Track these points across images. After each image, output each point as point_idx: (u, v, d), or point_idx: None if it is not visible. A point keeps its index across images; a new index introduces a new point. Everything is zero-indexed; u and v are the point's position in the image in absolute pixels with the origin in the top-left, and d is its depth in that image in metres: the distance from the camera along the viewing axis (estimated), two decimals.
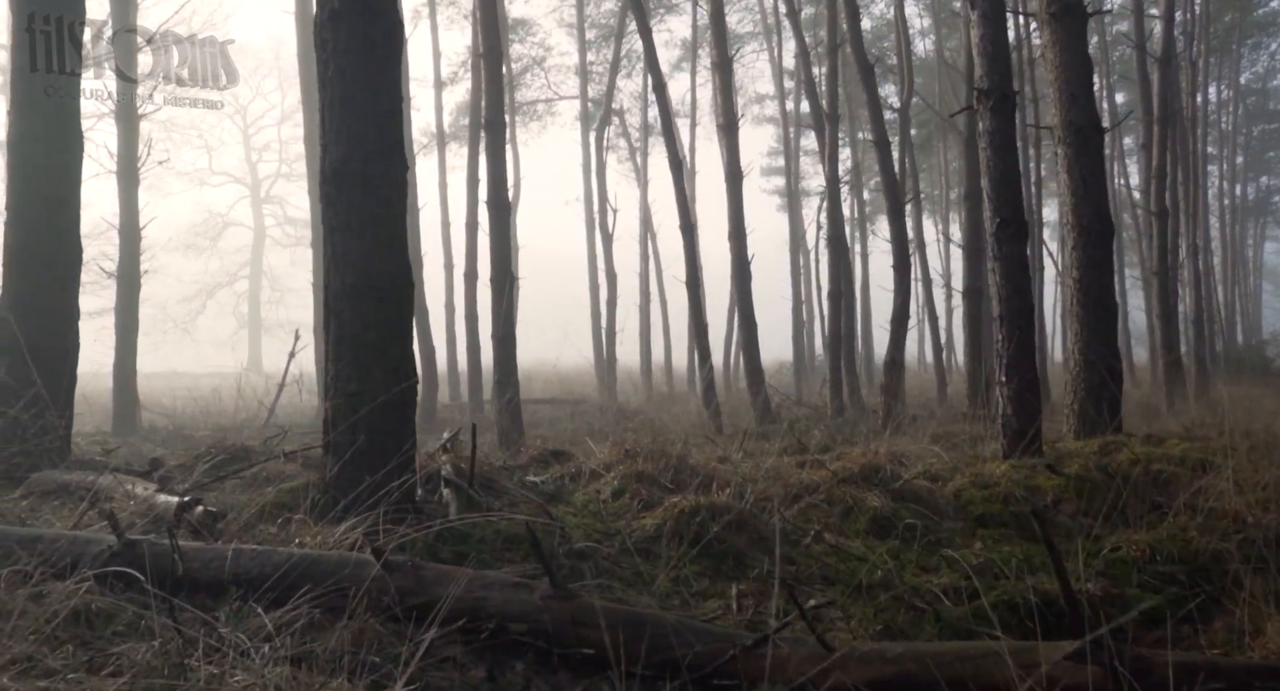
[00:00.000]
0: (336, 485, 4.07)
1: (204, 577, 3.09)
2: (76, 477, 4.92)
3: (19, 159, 5.75)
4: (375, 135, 4.15)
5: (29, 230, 5.70)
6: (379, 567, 3.09)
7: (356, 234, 4.13)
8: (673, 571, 3.96)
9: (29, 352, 5.38)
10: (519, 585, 3.14)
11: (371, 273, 4.14)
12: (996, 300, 5.65)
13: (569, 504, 4.77)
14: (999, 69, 5.43)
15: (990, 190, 5.48)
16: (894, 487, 4.80)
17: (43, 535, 3.18)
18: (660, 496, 4.65)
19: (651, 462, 4.97)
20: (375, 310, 4.15)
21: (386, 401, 4.13)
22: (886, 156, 12.64)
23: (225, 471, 5.20)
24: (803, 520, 4.51)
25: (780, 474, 5.29)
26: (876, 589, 3.77)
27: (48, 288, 5.74)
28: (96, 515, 4.13)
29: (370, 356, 4.13)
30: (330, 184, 4.16)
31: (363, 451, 4.08)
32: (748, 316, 14.42)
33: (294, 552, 3.17)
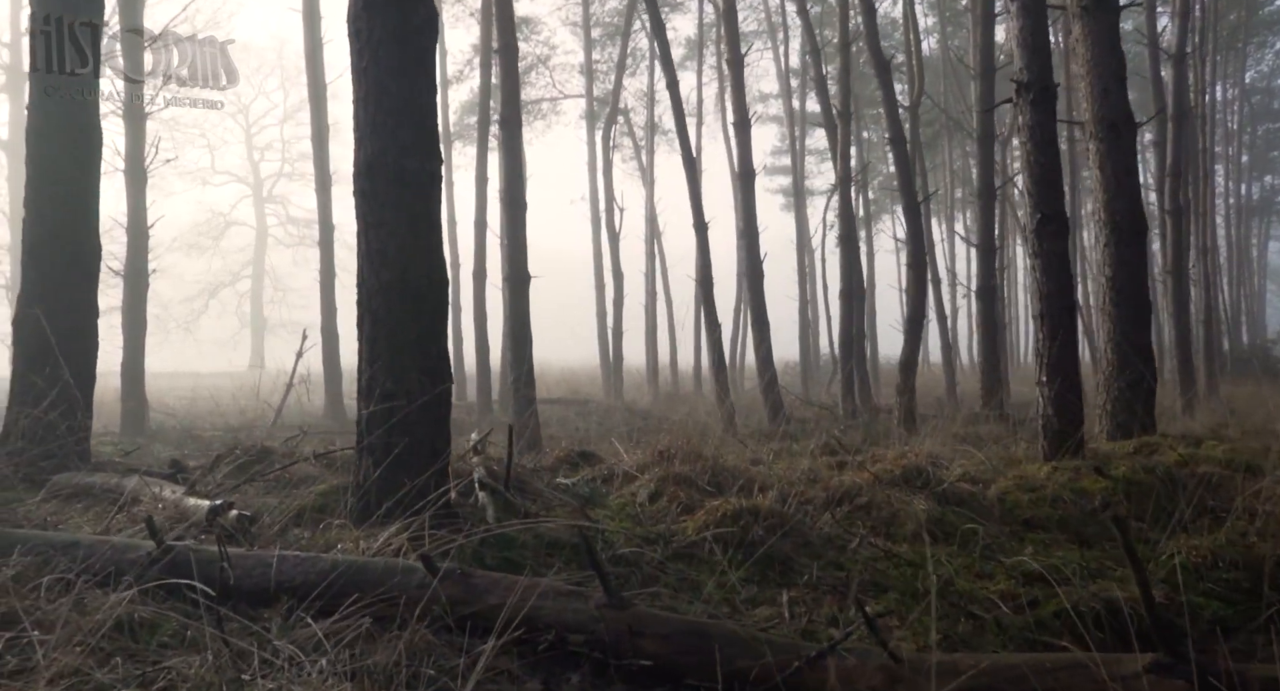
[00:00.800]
0: (372, 489, 3.95)
1: (246, 585, 2.98)
2: (100, 480, 4.81)
3: (37, 154, 5.64)
4: (411, 128, 4.04)
5: (48, 226, 5.59)
6: (428, 575, 2.98)
7: (392, 230, 4.02)
8: (719, 577, 3.85)
9: (47, 352, 5.26)
10: (572, 593, 3.03)
11: (408, 270, 4.02)
12: (1036, 297, 5.54)
13: (605, 507, 4.66)
14: (1039, 61, 5.31)
15: (1031, 185, 5.37)
16: (937, 490, 4.68)
17: (80, 541, 3.06)
18: (699, 499, 4.54)
19: (687, 465, 4.86)
20: (412, 309, 4.03)
21: (423, 403, 4.02)
22: (902, 154, 12.52)
23: (250, 473, 5.09)
24: (847, 524, 4.39)
25: (816, 476, 5.19)
26: (931, 595, 3.65)
27: (67, 285, 5.63)
28: (126, 519, 4.02)
29: (407, 357, 4.02)
30: (365, 178, 4.04)
31: (399, 454, 3.96)
32: (760, 316, 14.30)
33: (339, 559, 3.05)
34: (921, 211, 20.65)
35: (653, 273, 27.15)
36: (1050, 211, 5.29)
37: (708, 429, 12.65)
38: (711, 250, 13.70)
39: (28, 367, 5.33)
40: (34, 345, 5.33)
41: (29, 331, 5.36)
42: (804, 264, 29.24)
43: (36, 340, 5.32)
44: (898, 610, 3.58)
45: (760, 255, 14.33)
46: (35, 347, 5.32)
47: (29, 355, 5.37)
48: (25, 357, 5.38)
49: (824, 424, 11.91)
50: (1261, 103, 42.21)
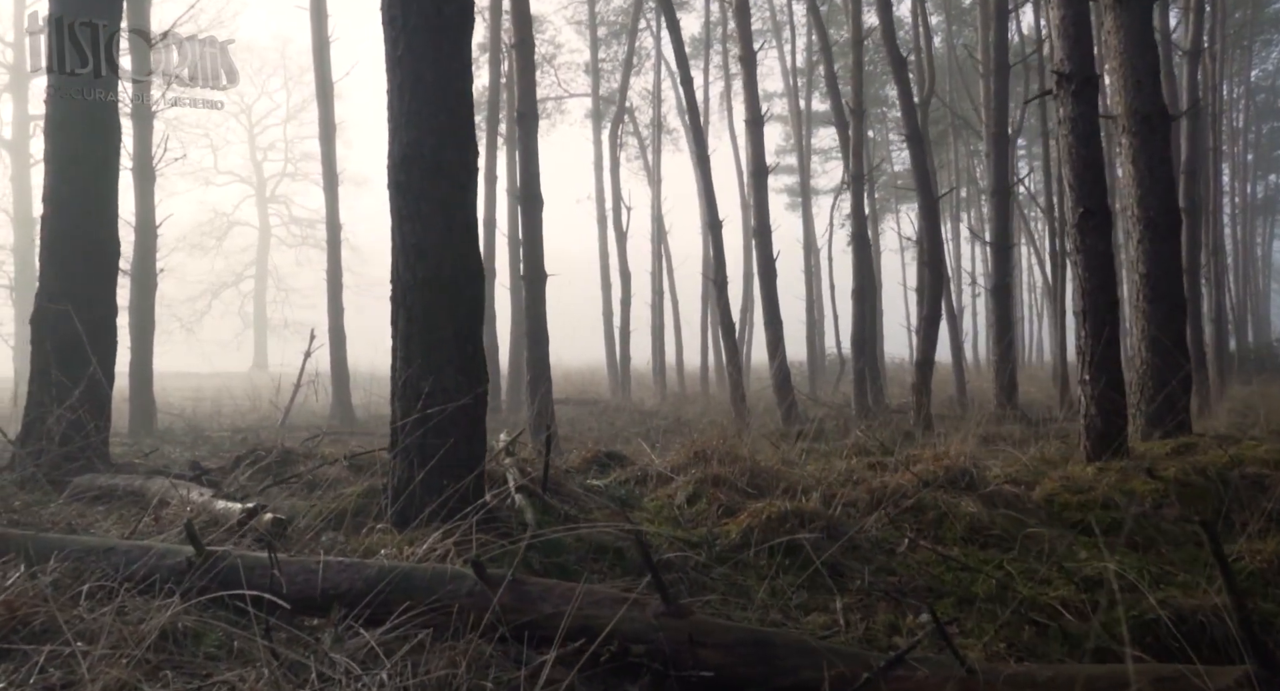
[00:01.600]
0: (408, 491, 3.83)
1: (290, 592, 2.85)
2: (123, 482, 4.69)
3: (56, 149, 5.52)
4: (448, 117, 3.91)
5: (67, 222, 5.46)
6: (478, 582, 2.86)
7: (428, 223, 3.89)
8: (767, 583, 3.73)
9: (68, 349, 5.14)
10: (629, 601, 2.90)
11: (445, 265, 3.90)
12: (1079, 295, 5.41)
13: (642, 509, 4.53)
14: (1081, 51, 5.19)
15: (1072, 179, 5.25)
16: (983, 492, 4.56)
17: (116, 546, 2.94)
18: (739, 502, 4.42)
19: (724, 466, 4.73)
20: (449, 305, 3.91)
21: (460, 403, 3.89)
22: (919, 151, 12.40)
23: (274, 476, 4.96)
24: (893, 527, 4.27)
25: (855, 477, 5.07)
26: (990, 602, 3.54)
27: (87, 281, 5.50)
28: (154, 523, 3.90)
29: (444, 355, 3.89)
30: (400, 170, 3.92)
31: (435, 456, 3.84)
32: (773, 315, 14.18)
33: (385, 565, 2.93)
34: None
35: (659, 272, 27.02)
36: (1093, 206, 5.17)
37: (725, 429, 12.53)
38: (713, 250, 13.56)
39: (47, 366, 5.20)
40: (53, 343, 5.20)
41: (49, 329, 5.24)
42: (810, 263, 29.12)
43: (56, 338, 5.19)
44: (955, 616, 3.46)
45: (773, 254, 14.21)
46: (54, 345, 5.19)
47: (48, 353, 5.25)
48: (44, 356, 5.26)
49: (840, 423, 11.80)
50: (1266, 101, 42.08)
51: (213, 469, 5.79)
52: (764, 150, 14.19)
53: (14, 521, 3.94)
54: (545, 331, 9.47)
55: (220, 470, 5.75)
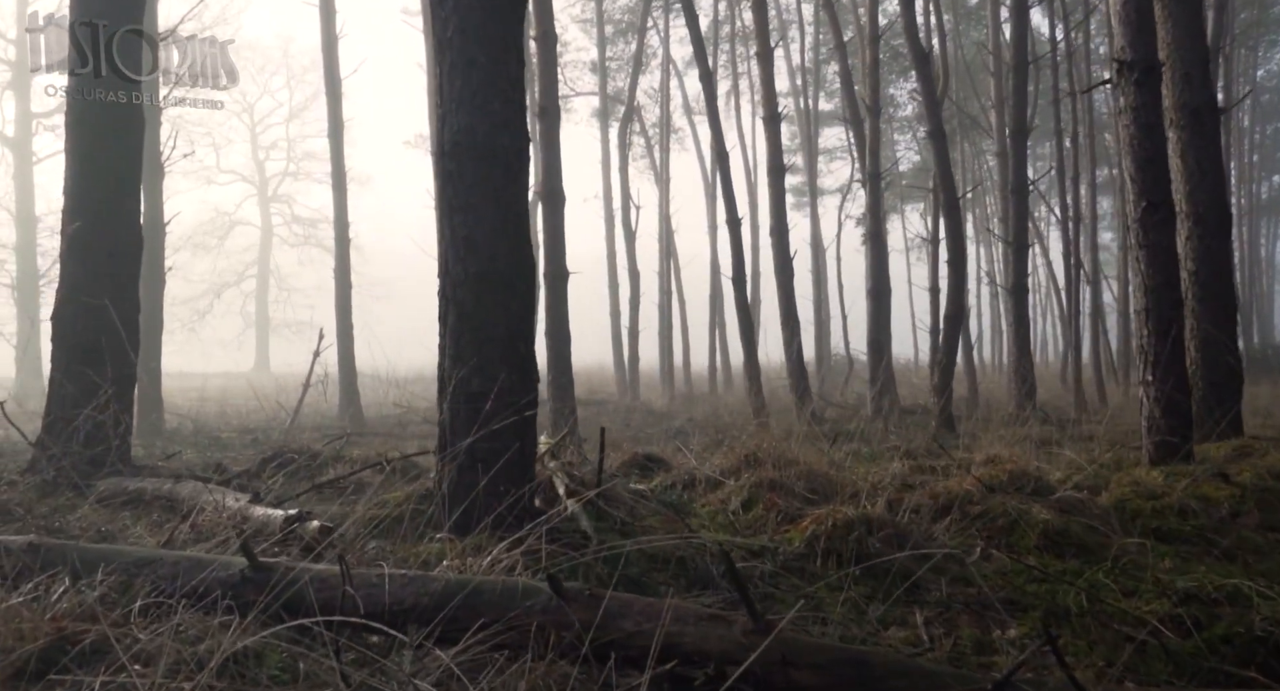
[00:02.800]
0: (458, 497, 3.63)
1: (350, 607, 2.65)
2: (150, 486, 4.48)
3: (78, 142, 5.32)
4: (500, 101, 3.71)
5: (89, 217, 5.26)
6: (553, 597, 2.66)
7: (480, 214, 3.69)
8: (839, 594, 3.53)
9: (90, 348, 4.93)
10: (714, 618, 2.70)
11: (498, 258, 3.70)
12: (1141, 292, 5.22)
13: (695, 515, 4.33)
14: (1144, 38, 4.99)
15: (1134, 172, 5.05)
16: (1050, 498, 4.36)
17: (163, 557, 2.73)
18: (798, 508, 4.22)
19: (779, 470, 4.53)
20: (502, 301, 3.71)
21: (512, 404, 3.69)
22: (942, 148, 12.20)
23: (315, 480, 4.76)
24: (962, 534, 4.07)
25: (909, 481, 4.87)
26: (1080, 616, 3.34)
27: (109, 278, 5.30)
28: (190, 530, 3.70)
29: (496, 354, 3.69)
30: (450, 158, 3.71)
31: (487, 460, 3.64)
32: (790, 314, 14.01)
33: (451, 579, 2.72)
34: (922, 210, 19.88)
35: (667, 272, 26.80)
36: (1157, 199, 4.97)
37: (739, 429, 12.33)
38: (723, 249, 13.40)
39: (68, 365, 4.99)
40: (74, 341, 5.00)
41: (70, 327, 5.03)
42: (818, 263, 28.93)
43: (76, 336, 4.98)
44: (1041, 631, 3.25)
45: (790, 252, 14.02)
46: (76, 344, 4.99)
47: (70, 352, 5.04)
48: (65, 355, 5.05)
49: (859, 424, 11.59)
50: (1271, 102, 41.94)
51: (237, 472, 5.59)
52: (781, 147, 13.99)
53: (43, 527, 3.73)
54: (567, 330, 9.28)
55: (246, 473, 5.55)
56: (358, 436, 12.62)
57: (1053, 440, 8.34)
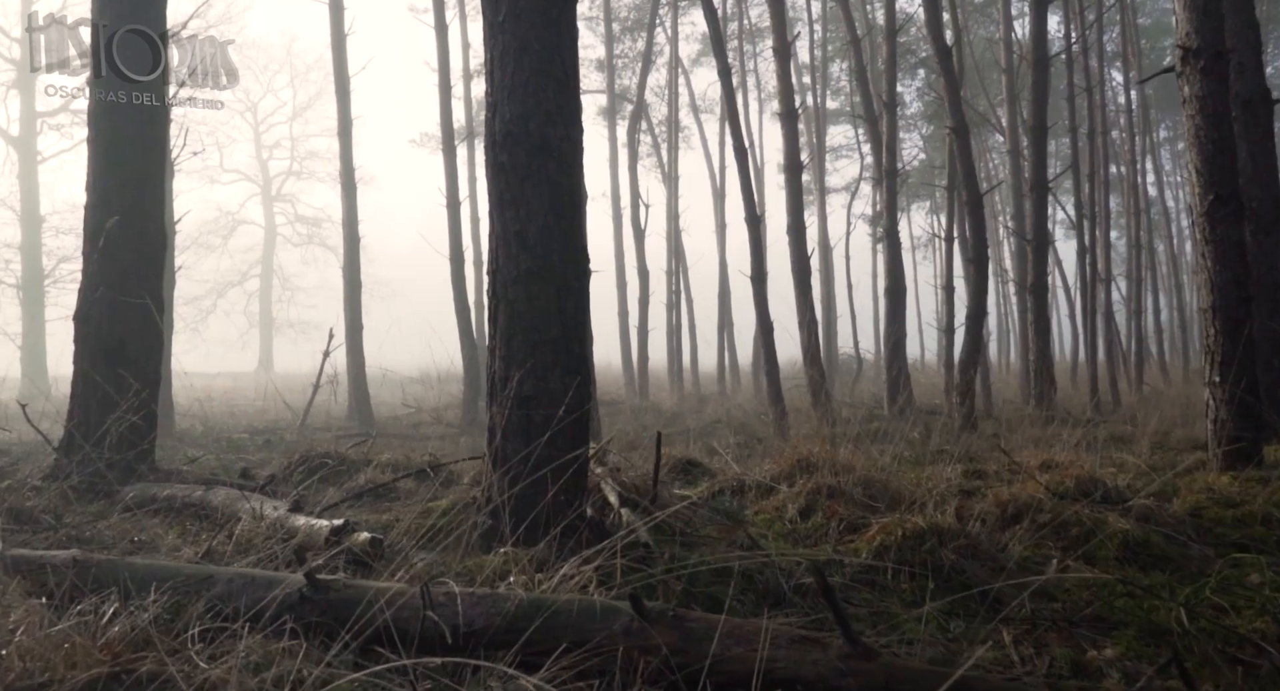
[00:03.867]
0: (514, 506, 3.43)
1: (412, 628, 2.46)
2: (180, 492, 4.29)
3: (101, 135, 5.14)
4: (554, 90, 3.52)
5: (114, 212, 5.07)
6: (635, 619, 2.47)
7: (533, 208, 3.50)
8: (916, 610, 3.34)
9: (115, 348, 4.74)
10: (807, 640, 2.51)
11: (551, 255, 3.51)
12: (1207, 289, 5.03)
13: (752, 524, 4.14)
14: (1211, 24, 4.80)
15: (1200, 164, 4.86)
16: (1123, 506, 4.17)
17: (215, 574, 2.54)
18: (859, 515, 4.03)
19: (836, 476, 4.34)
20: (555, 300, 3.52)
21: (567, 408, 3.51)
22: (965, 144, 12.01)
23: (362, 489, 4.57)
24: (1035, 545, 3.88)
25: (964, 487, 4.68)
26: (1178, 635, 3.14)
27: (133, 275, 5.11)
28: (228, 541, 3.51)
29: (549, 354, 3.50)
30: (502, 149, 3.52)
31: (538, 465, 3.45)
32: (808, 314, 13.77)
33: (524, 598, 2.53)
34: (928, 208, 19.50)
35: (675, 271, 26.61)
36: (1225, 192, 4.78)
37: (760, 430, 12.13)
38: (731, 248, 13.22)
39: (92, 366, 4.81)
40: (99, 342, 4.81)
41: (94, 327, 4.84)
42: (826, 261, 28.72)
43: (101, 336, 4.80)
44: (1140, 651, 3.07)
45: (808, 251, 13.82)
46: (100, 344, 4.80)
47: (94, 353, 4.85)
48: (90, 355, 4.86)
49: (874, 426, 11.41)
50: None
51: (264, 477, 5.40)
52: (798, 144, 13.78)
53: (74, 537, 3.54)
54: (589, 331, 9.06)
55: (273, 478, 5.36)
56: (371, 437, 12.44)
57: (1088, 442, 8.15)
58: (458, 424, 14.88)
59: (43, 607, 2.29)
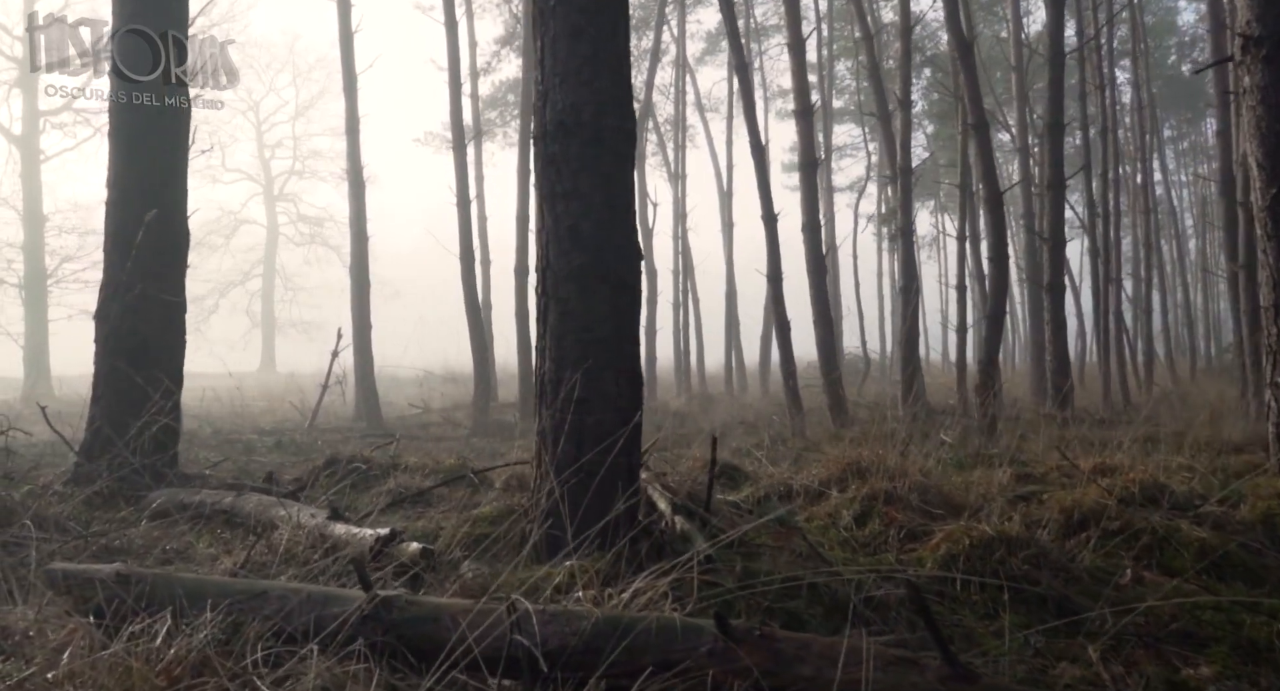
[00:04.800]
0: (563, 514, 3.27)
1: (488, 649, 2.30)
2: (208, 498, 4.13)
3: (123, 129, 4.97)
4: (609, 77, 3.36)
5: (135, 207, 4.90)
6: (720, 639, 2.31)
7: (586, 202, 3.34)
8: (990, 623, 3.19)
9: (138, 349, 4.58)
10: (903, 662, 2.35)
11: (604, 251, 3.34)
12: (1269, 286, 4.87)
13: (806, 531, 3.97)
14: (1274, 11, 4.63)
15: (1263, 157, 4.70)
16: (1192, 512, 4.01)
17: (268, 590, 2.38)
18: (918, 522, 3.87)
19: (891, 481, 4.18)
20: (609, 298, 3.36)
21: (620, 410, 3.35)
22: (986, 141, 11.85)
23: (391, 494, 4.40)
24: (1105, 554, 3.72)
25: (1020, 492, 4.52)
26: (1271, 652, 2.98)
27: (154, 275, 4.94)
28: (268, 550, 3.35)
29: (602, 355, 3.34)
30: (554, 140, 3.36)
31: (592, 471, 3.29)
32: (823, 313, 13.64)
33: (599, 615, 2.37)
34: (932, 207, 19.28)
35: (680, 271, 26.46)
36: None
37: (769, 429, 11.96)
38: (739, 247, 13.04)
39: (114, 366, 4.64)
40: (120, 342, 4.64)
41: (116, 326, 4.68)
42: (832, 260, 28.57)
43: (122, 336, 4.63)
44: (1238, 669, 2.91)
45: (823, 249, 13.67)
46: (121, 344, 4.63)
47: (115, 353, 4.69)
48: (111, 355, 4.70)
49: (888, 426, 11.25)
50: None
51: (287, 480, 5.24)
52: (813, 142, 13.63)
53: (105, 548, 3.38)
54: None
55: (299, 483, 5.20)
56: (386, 439, 12.26)
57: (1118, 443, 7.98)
58: (468, 425, 14.72)
59: (90, 627, 2.12)
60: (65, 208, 25.86)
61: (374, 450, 6.12)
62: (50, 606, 2.55)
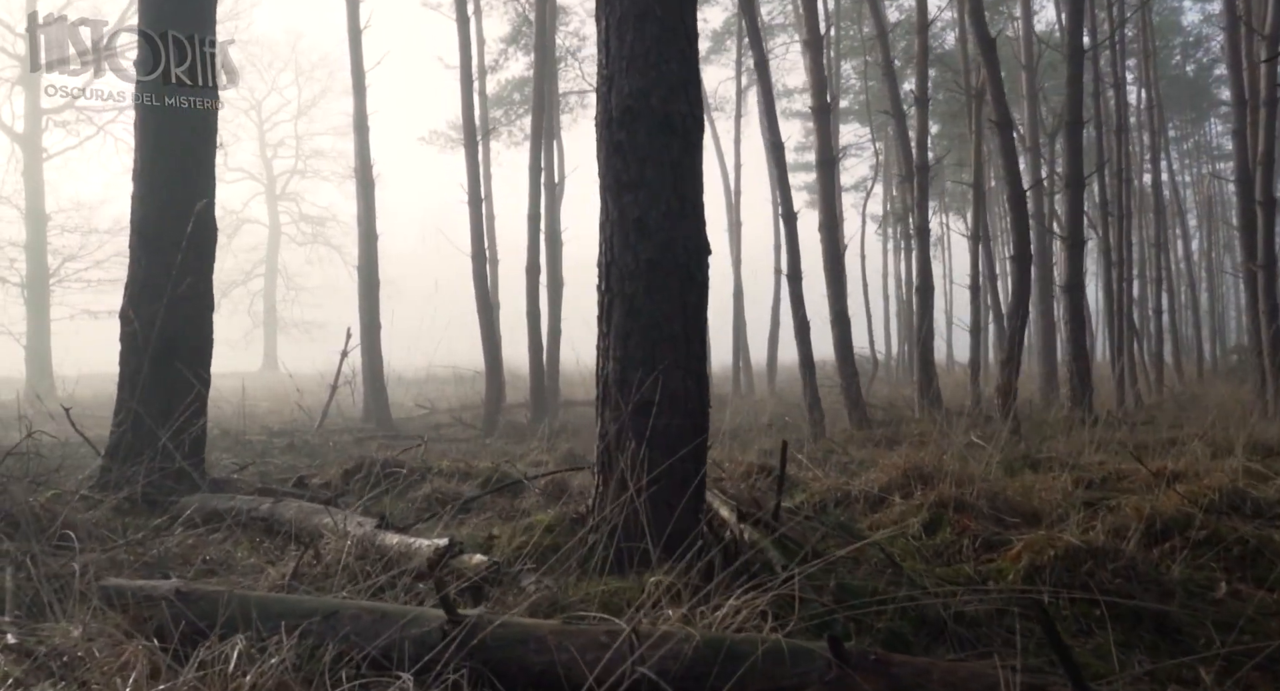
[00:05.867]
0: (633, 523, 3.08)
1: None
2: (244, 504, 3.93)
3: (149, 121, 4.77)
4: (678, 61, 3.17)
5: (161, 201, 4.71)
6: (833, 664, 2.12)
7: (655, 192, 3.15)
8: (1085, 641, 3.00)
9: (165, 347, 4.38)
10: (1033, 688, 2.16)
11: (673, 244, 3.16)
12: None
13: (872, 541, 3.78)
14: None
15: None
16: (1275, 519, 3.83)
17: (340, 609, 2.19)
18: (992, 531, 3.68)
19: (958, 487, 3.99)
20: (678, 293, 3.17)
21: (688, 413, 3.16)
22: (1009, 138, 11.68)
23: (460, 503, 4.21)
24: (1194, 565, 3.53)
25: (1086, 498, 4.34)
26: None
27: (182, 269, 4.75)
28: (315, 562, 3.16)
29: (672, 355, 3.15)
30: (620, 127, 3.17)
31: (659, 477, 3.10)
32: (841, 312, 13.45)
33: (694, 635, 2.18)
34: (935, 207, 19.15)
35: None
36: None
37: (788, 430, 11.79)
38: (747, 246, 12.86)
39: (139, 367, 4.45)
40: (146, 340, 4.45)
41: (142, 323, 4.48)
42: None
43: (148, 336, 4.44)
44: None
45: (841, 247, 13.50)
46: (147, 343, 4.44)
47: (140, 353, 4.49)
48: (136, 356, 4.51)
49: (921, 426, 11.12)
50: None
51: (320, 484, 5.05)
52: (830, 139, 13.47)
53: (143, 558, 3.18)
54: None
55: (327, 486, 5.01)
56: (395, 439, 12.07)
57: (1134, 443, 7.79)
58: (478, 425, 14.54)
59: (152, 649, 1.93)
60: (68, 206, 25.64)
61: (401, 452, 5.93)
62: (95, 622, 2.36)
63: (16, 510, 3.41)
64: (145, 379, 4.42)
